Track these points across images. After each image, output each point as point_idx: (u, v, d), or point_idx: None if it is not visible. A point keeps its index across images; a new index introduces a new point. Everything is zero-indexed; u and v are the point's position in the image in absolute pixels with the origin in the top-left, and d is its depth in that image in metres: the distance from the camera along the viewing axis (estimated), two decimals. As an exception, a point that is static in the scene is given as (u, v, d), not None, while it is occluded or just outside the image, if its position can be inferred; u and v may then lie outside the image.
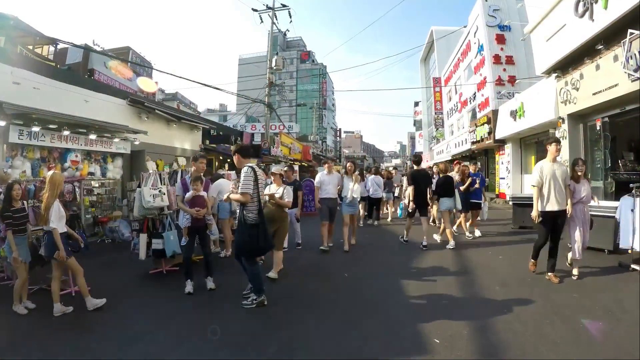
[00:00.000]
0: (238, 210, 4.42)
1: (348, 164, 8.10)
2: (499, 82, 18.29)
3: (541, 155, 15.02)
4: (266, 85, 19.38)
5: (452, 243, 7.45)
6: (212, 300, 4.73)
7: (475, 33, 20.80)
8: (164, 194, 5.95)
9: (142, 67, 25.79)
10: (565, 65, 10.72)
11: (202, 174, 5.15)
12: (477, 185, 8.61)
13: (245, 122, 30.61)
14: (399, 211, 12.70)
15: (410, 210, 7.83)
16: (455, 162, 11.26)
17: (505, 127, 15.79)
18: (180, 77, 24.47)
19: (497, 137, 17.08)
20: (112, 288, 5.00)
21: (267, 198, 4.93)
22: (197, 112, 39.28)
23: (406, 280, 5.41)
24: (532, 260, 5.54)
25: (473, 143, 20.63)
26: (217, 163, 15.77)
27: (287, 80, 64.62)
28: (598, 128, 9.80)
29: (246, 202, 4.20)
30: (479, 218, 9.17)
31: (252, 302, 4.34)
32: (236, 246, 4.49)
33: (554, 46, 10.98)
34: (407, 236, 8.10)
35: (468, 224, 8.77)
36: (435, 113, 34.25)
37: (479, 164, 13.71)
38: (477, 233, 8.73)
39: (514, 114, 14.49)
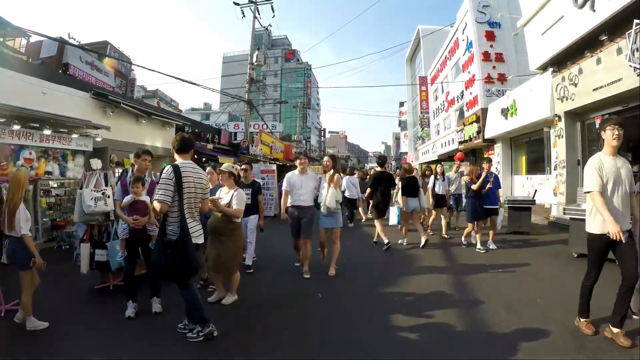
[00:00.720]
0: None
1: (325, 159, 6.14)
2: (488, 79, 17.75)
3: (532, 155, 14.58)
4: (246, 81, 18.55)
5: (427, 240, 7.60)
6: (155, 327, 3.84)
7: (463, 30, 20.27)
8: (109, 197, 4.98)
9: (121, 61, 25.02)
10: (563, 60, 10.09)
11: (145, 174, 4.20)
12: (489, 185, 7.27)
13: (227, 120, 29.63)
14: (395, 218, 9.60)
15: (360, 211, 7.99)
16: (456, 157, 10.59)
17: (496, 126, 15.19)
18: (152, 70, 23.40)
19: (486, 137, 16.48)
20: (48, 306, 4.11)
21: (209, 205, 3.90)
22: (178, 110, 38.20)
23: (393, 305, 4.46)
24: (583, 319, 3.60)
25: (460, 143, 20.03)
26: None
27: (272, 79, 63.69)
28: (597, 126, 9.17)
29: (163, 213, 3.28)
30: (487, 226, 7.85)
31: (198, 334, 3.42)
32: (150, 265, 3.62)
33: (550, 40, 10.36)
34: (387, 240, 7.41)
35: (490, 234, 7.61)
36: (421, 112, 33.76)
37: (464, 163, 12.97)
38: (492, 245, 7.43)
39: (505, 112, 13.87)
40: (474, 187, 7.24)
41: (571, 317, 3.80)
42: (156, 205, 3.22)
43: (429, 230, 9.02)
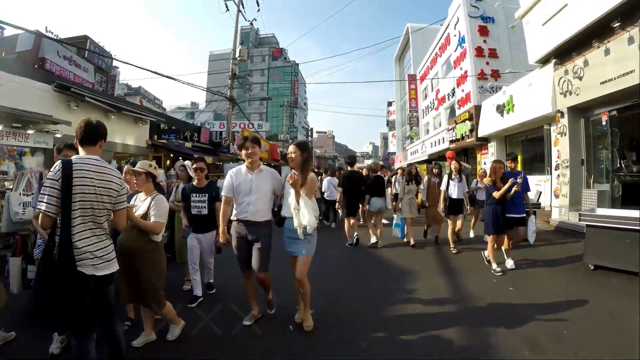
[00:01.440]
0: None
1: (290, 149, 3.71)
2: (482, 76, 17.10)
3: (529, 155, 13.91)
4: (229, 77, 17.65)
5: (379, 242, 7.47)
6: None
7: (455, 25, 19.64)
8: (41, 203, 4.08)
9: (102, 57, 23.95)
10: (566, 52, 9.39)
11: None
12: (516, 188, 5.51)
13: (212, 119, 28.69)
14: (397, 230, 7.92)
15: (340, 211, 7.73)
16: (448, 155, 9.59)
17: (490, 124, 14.52)
18: (127, 63, 22.24)
19: (479, 135, 15.83)
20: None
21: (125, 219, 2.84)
22: (162, 109, 37.02)
23: (382, 348, 3.46)
24: None
25: (452, 142, 19.38)
26: (168, 162, 13.68)
27: (259, 78, 62.74)
28: (604, 123, 8.52)
29: (46, 228, 2.34)
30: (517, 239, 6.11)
31: None
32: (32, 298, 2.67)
33: (552, 30, 9.68)
34: (350, 241, 7.67)
35: (503, 248, 5.96)
36: (410, 111, 33.16)
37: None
38: (510, 264, 5.78)
39: (501, 109, 13.20)
40: (495, 194, 5.67)
41: (607, 354, 3.05)
42: (40, 217, 2.28)
43: (452, 250, 6.96)
